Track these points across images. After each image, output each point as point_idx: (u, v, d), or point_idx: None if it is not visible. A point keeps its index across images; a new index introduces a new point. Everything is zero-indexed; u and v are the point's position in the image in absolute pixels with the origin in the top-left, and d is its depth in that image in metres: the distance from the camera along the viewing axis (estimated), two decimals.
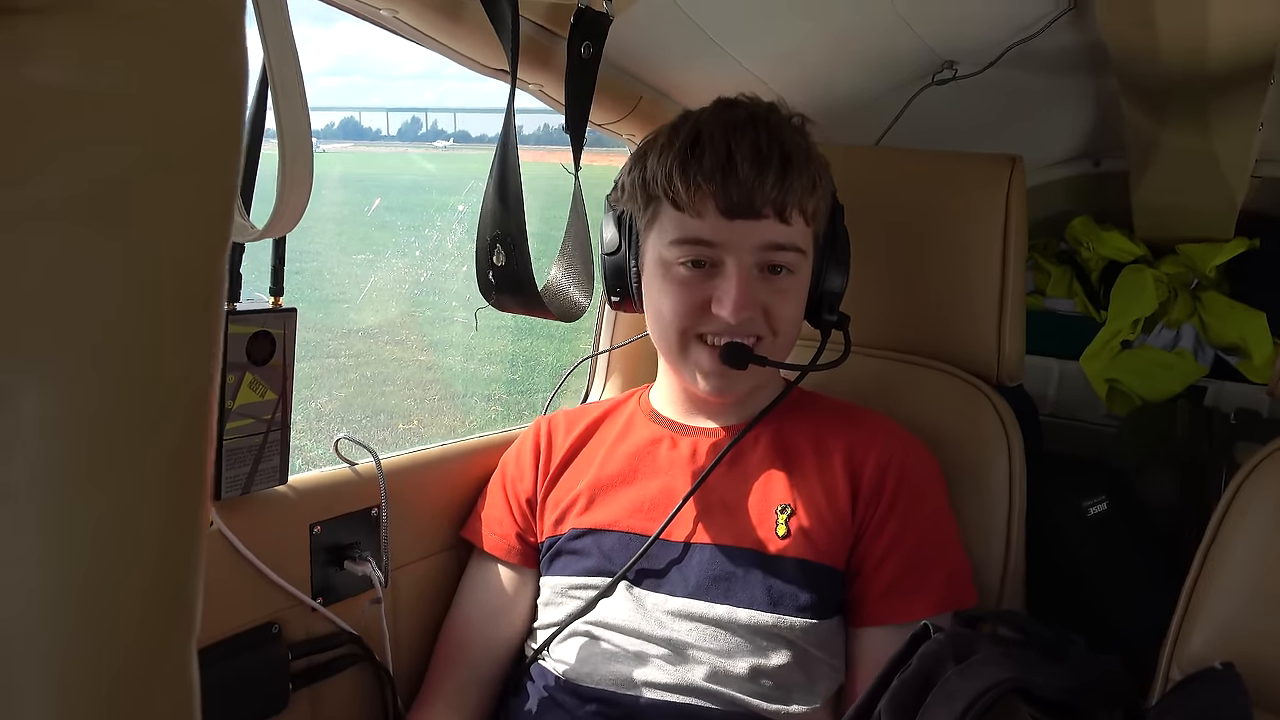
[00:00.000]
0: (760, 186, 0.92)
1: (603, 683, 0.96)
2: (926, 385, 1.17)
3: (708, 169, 0.92)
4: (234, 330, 0.84)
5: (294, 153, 0.69)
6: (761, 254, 0.95)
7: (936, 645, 0.79)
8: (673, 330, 0.98)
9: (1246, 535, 0.97)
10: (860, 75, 1.42)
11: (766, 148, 0.93)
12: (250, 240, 0.73)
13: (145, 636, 0.41)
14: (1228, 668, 0.85)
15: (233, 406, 0.86)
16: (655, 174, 0.96)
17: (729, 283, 0.94)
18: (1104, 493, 1.21)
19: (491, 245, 0.89)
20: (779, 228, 0.94)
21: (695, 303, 0.96)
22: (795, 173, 0.93)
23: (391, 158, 12.14)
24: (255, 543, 0.91)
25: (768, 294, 0.96)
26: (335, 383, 6.06)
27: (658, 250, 0.98)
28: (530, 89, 1.09)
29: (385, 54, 66.03)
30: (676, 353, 1.00)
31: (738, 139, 0.93)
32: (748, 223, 0.93)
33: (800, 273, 0.99)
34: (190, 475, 0.42)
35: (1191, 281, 1.89)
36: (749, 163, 0.92)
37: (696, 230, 0.94)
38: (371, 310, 6.78)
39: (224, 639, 0.89)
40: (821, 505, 0.97)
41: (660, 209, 0.97)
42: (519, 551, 1.09)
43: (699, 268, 0.96)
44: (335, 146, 15.67)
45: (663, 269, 0.98)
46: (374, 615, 1.03)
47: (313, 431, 5.10)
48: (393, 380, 6.25)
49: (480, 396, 5.99)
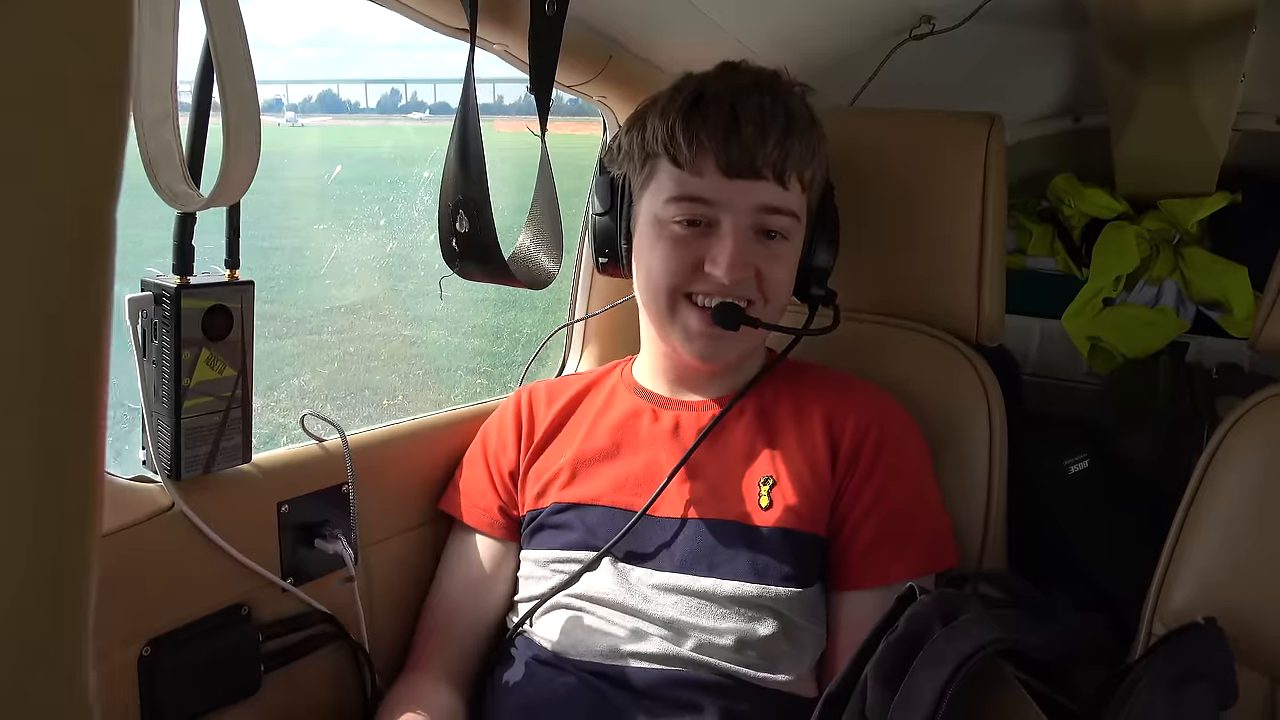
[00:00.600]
0: (761, 147, 0.92)
1: (587, 654, 0.95)
2: (905, 347, 1.15)
3: (711, 126, 0.92)
4: (188, 305, 0.81)
5: (239, 120, 0.66)
6: (758, 216, 0.94)
7: (923, 607, 0.78)
8: (663, 289, 0.97)
9: (1228, 490, 0.96)
10: (836, 31, 1.38)
11: (770, 110, 0.93)
12: (195, 209, 0.71)
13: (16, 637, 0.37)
14: (1210, 623, 0.85)
15: (190, 384, 0.83)
16: (656, 131, 0.96)
17: (724, 242, 0.93)
18: (1085, 450, 1.20)
19: (454, 211, 0.86)
20: (777, 190, 0.94)
21: (689, 261, 0.95)
22: (797, 137, 0.94)
23: (372, 130, 11.98)
24: (220, 523, 0.88)
25: (761, 257, 0.95)
26: (318, 359, 6.01)
27: (653, 209, 0.97)
28: (495, 49, 1.05)
29: (362, 24, 65.03)
30: (665, 313, 0.98)
31: (742, 100, 0.93)
32: (746, 183, 0.93)
33: (794, 239, 0.98)
34: (72, 458, 0.39)
35: (1173, 237, 1.88)
36: (753, 123, 0.92)
37: (695, 188, 0.94)
38: (354, 286, 6.72)
39: (191, 622, 0.87)
40: (804, 474, 0.97)
41: (658, 167, 0.96)
42: (501, 525, 1.08)
43: (694, 227, 0.95)
44: (314, 120, 15.43)
45: (657, 227, 0.97)
46: (347, 593, 1.01)
47: (296, 410, 5.06)
48: (377, 356, 6.21)
49: (465, 370, 5.96)
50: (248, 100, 0.66)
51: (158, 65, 0.67)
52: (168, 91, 0.68)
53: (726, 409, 1.00)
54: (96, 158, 0.38)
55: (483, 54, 1.07)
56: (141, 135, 0.67)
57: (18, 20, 0.34)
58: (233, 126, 0.65)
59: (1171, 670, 0.77)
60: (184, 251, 0.81)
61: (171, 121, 0.69)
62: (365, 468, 1.03)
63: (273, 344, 6.24)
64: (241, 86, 0.66)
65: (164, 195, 0.69)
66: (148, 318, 0.83)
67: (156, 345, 0.82)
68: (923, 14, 1.37)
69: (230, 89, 0.64)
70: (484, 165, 0.84)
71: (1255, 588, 0.91)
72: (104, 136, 0.38)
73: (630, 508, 0.99)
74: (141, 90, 0.67)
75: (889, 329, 1.18)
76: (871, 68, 1.48)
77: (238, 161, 0.67)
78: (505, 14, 0.97)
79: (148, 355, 0.83)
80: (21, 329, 0.36)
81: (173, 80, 0.68)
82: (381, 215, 5.75)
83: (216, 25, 0.63)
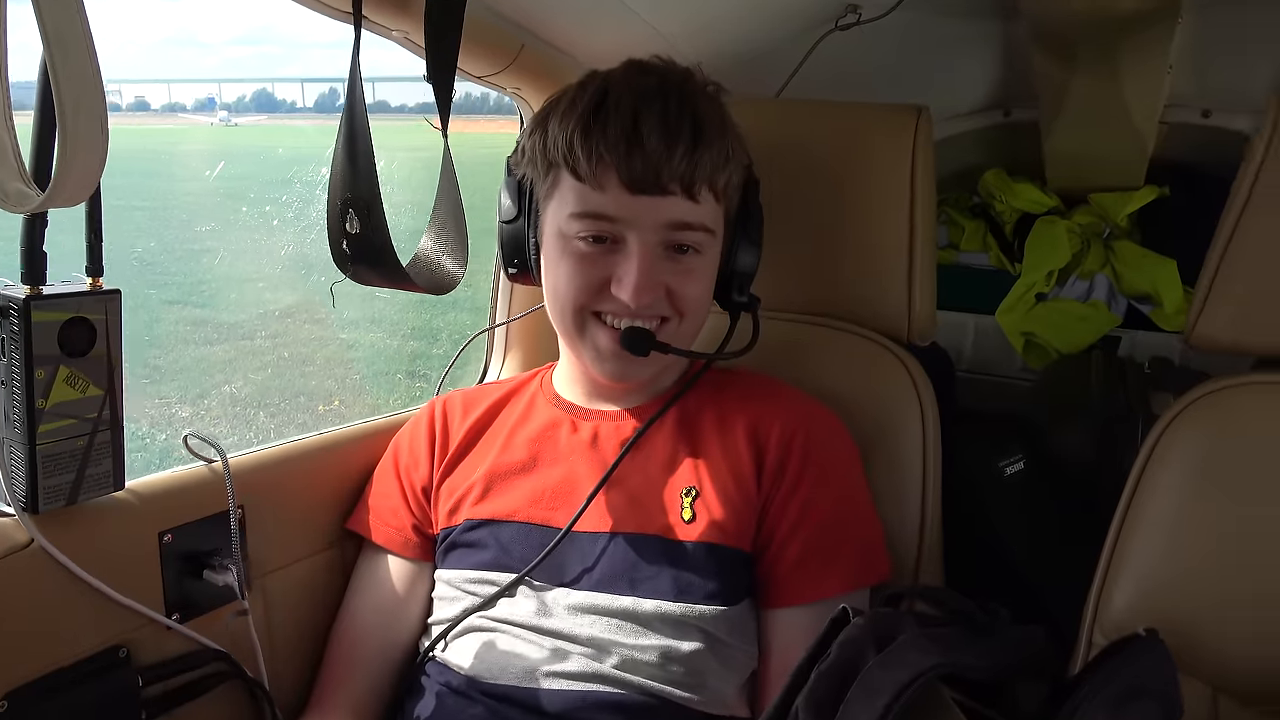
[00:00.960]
0: (668, 161, 0.85)
1: (503, 677, 0.89)
2: (834, 348, 1.11)
3: (611, 138, 0.85)
4: (40, 318, 0.73)
5: (76, 107, 0.58)
6: (667, 233, 0.88)
7: (856, 630, 0.73)
8: (569, 308, 0.91)
9: (1165, 491, 0.94)
10: (759, 20, 1.34)
11: (676, 118, 0.85)
12: (31, 210, 0.62)
13: None
14: (1151, 634, 0.82)
15: (45, 406, 0.74)
16: (556, 139, 0.88)
17: (630, 263, 0.87)
18: (1021, 451, 1.18)
19: (343, 211, 0.79)
20: (686, 205, 0.87)
21: (594, 280, 0.89)
22: (706, 146, 0.86)
23: (308, 131, 11.75)
24: (90, 559, 0.80)
25: (672, 274, 0.89)
26: (251, 365, 5.85)
27: (557, 222, 0.90)
28: (394, 36, 0.98)
29: (298, 22, 62.78)
30: (574, 332, 0.93)
31: (646, 107, 0.85)
32: (653, 199, 0.86)
33: (708, 253, 0.92)
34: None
35: (1104, 231, 1.89)
36: (656, 134, 0.84)
37: (597, 204, 0.87)
38: (288, 288, 6.55)
39: (59, 670, 0.79)
40: (728, 485, 0.92)
41: (560, 178, 0.89)
42: (414, 544, 1.02)
43: (600, 243, 0.88)
44: (248, 119, 15.14)
45: (561, 242, 0.90)
46: (242, 627, 0.93)
47: (229, 418, 4.91)
48: (312, 360, 6.07)
49: (404, 374, 5.86)
50: (87, 83, 0.58)
51: None
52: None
53: (644, 427, 0.95)
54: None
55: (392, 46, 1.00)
56: None
57: None
58: (69, 114, 0.57)
59: (1114, 688, 0.73)
60: (33, 257, 0.73)
61: (1, 112, 0.61)
62: (264, 488, 0.96)
63: (203, 350, 6.06)
64: (79, 67, 0.58)
65: None
66: None
67: (4, 364, 0.74)
68: (848, 3, 1.33)
69: (64, 70, 0.57)
70: (373, 161, 0.78)
71: (1196, 594, 0.89)
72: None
73: (546, 523, 0.94)
74: None
75: (816, 329, 1.13)
76: (796, 59, 1.44)
77: (78, 155, 0.59)
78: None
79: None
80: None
81: (1, 65, 0.60)
82: (319, 217, 5.62)
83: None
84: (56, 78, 0.57)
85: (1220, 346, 0.97)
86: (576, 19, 1.14)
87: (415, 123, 1.00)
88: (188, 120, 18.34)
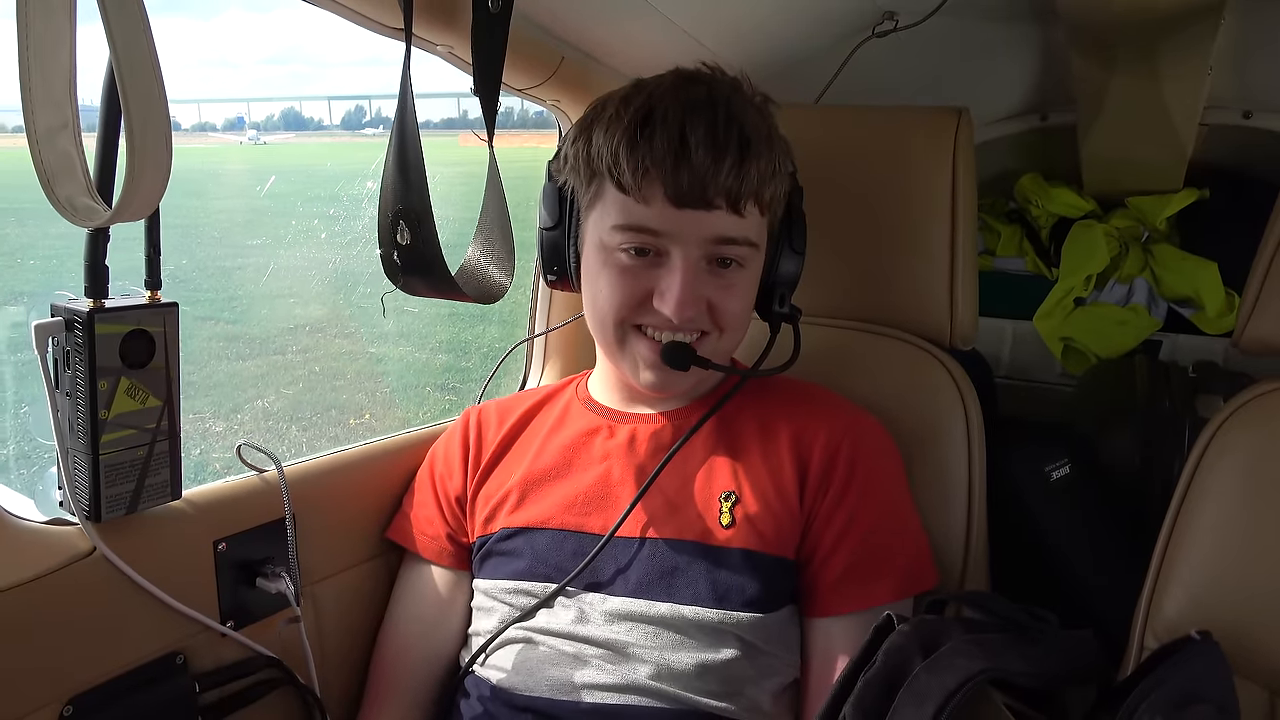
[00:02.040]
0: (714, 175, 0.83)
1: (539, 689, 0.89)
2: (877, 353, 1.11)
3: (658, 152, 0.83)
4: (103, 330, 0.74)
5: (144, 126, 0.60)
6: (710, 247, 0.87)
7: (902, 638, 0.73)
8: (610, 320, 0.91)
9: (1217, 495, 0.93)
10: (798, 28, 1.34)
11: (724, 132, 0.84)
12: (99, 225, 0.64)
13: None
14: (1205, 637, 0.81)
15: (107, 417, 0.76)
16: (600, 150, 0.87)
17: (673, 277, 0.86)
18: (1066, 456, 1.16)
19: (394, 223, 0.80)
20: (731, 220, 0.86)
21: (636, 293, 0.88)
22: (753, 159, 0.85)
23: (337, 147, 11.91)
24: (149, 567, 0.81)
25: (715, 289, 0.89)
26: (283, 379, 5.91)
27: (599, 233, 0.89)
28: (439, 51, 1.00)
29: (326, 40, 63.47)
30: (614, 343, 0.93)
31: (693, 120, 0.84)
32: (697, 213, 0.85)
33: (751, 266, 0.91)
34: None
35: (1142, 235, 1.86)
36: (703, 148, 0.83)
37: (641, 217, 0.86)
38: (318, 303, 6.62)
39: (119, 675, 0.80)
40: (768, 492, 0.91)
41: (604, 188, 0.88)
42: (451, 553, 1.02)
43: (642, 256, 0.88)
44: (276, 138, 15.34)
45: (603, 253, 0.90)
46: (293, 635, 0.94)
47: (261, 432, 4.96)
48: (343, 374, 6.12)
49: (433, 386, 5.89)
50: (155, 105, 0.60)
51: (52, 68, 0.60)
52: (65, 98, 0.62)
53: (683, 440, 0.94)
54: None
55: (436, 62, 1.02)
56: (34, 145, 0.60)
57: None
58: (137, 132, 0.59)
59: (1170, 693, 0.72)
60: (96, 271, 0.75)
61: (71, 130, 0.63)
62: (311, 499, 0.97)
63: (236, 365, 6.13)
64: (147, 90, 0.59)
65: (63, 210, 0.62)
66: (59, 345, 0.76)
67: (70, 375, 0.76)
68: (886, 10, 1.34)
69: (133, 91, 0.58)
70: (424, 174, 0.79)
71: (1250, 597, 0.87)
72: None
73: (582, 529, 0.94)
74: (34, 97, 0.61)
75: (858, 334, 1.13)
76: (834, 66, 1.44)
77: (145, 173, 0.60)
78: (446, 13, 0.92)
79: (60, 386, 0.76)
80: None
81: (71, 85, 0.62)
82: (347, 232, 5.69)
83: (114, 18, 0.57)
84: (126, 98, 0.58)
85: (1272, 349, 0.95)
86: (615, 30, 1.15)
87: (443, 138, 1.01)
88: (218, 139, 18.61)
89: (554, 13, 1.06)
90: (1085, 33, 1.35)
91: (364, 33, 0.91)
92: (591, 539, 0.92)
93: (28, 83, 0.60)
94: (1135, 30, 1.26)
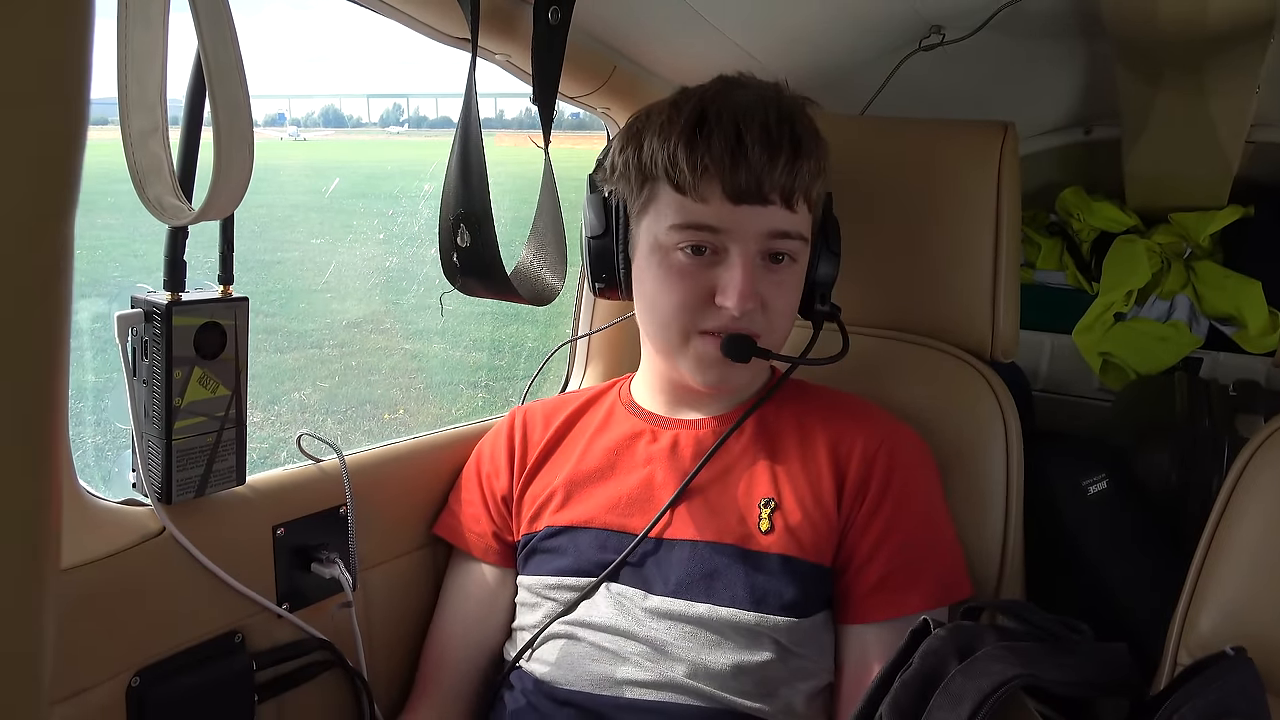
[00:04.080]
0: (770, 171, 0.87)
1: (579, 684, 0.92)
2: (918, 364, 1.12)
3: (716, 150, 0.87)
4: (179, 322, 0.78)
5: (231, 131, 0.63)
6: (766, 241, 0.90)
7: (938, 642, 0.75)
8: (673, 324, 0.92)
9: (1255, 514, 0.93)
10: (845, 41, 1.36)
11: (777, 131, 0.88)
12: (185, 223, 0.68)
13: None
14: (1239, 653, 0.82)
15: (181, 404, 0.80)
16: (655, 154, 0.90)
17: (734, 272, 0.89)
18: (1103, 471, 1.17)
19: (455, 226, 0.83)
20: (785, 214, 0.90)
21: (698, 294, 0.90)
22: (805, 157, 0.89)
23: (369, 145, 12.02)
24: (213, 548, 0.85)
25: (768, 285, 0.91)
26: (320, 373, 5.99)
27: (654, 234, 0.92)
28: (497, 60, 1.03)
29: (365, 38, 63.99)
30: (676, 345, 0.94)
31: (747, 121, 0.88)
32: (754, 209, 0.88)
33: (800, 261, 0.95)
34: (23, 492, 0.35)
35: (1185, 251, 1.85)
36: (759, 146, 0.87)
37: (700, 215, 0.89)
38: (355, 299, 6.71)
39: (182, 651, 0.84)
40: (806, 499, 0.93)
41: (658, 191, 0.91)
42: (496, 551, 1.05)
43: (699, 254, 0.90)
44: (316, 134, 15.47)
45: (660, 255, 0.92)
46: (344, 619, 0.97)
47: (298, 424, 5.05)
48: (378, 370, 6.19)
49: (466, 384, 5.93)
50: (240, 111, 0.64)
51: (147, 75, 0.64)
52: (156, 103, 0.65)
53: (728, 433, 0.97)
54: (44, 169, 0.34)
55: (482, 66, 1.05)
56: (129, 147, 0.64)
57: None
58: (224, 138, 0.62)
59: (1202, 707, 0.73)
60: (175, 266, 0.79)
61: (161, 134, 0.66)
62: (363, 489, 1.00)
63: (274, 358, 6.23)
64: (234, 97, 0.63)
65: (152, 209, 0.66)
66: (138, 335, 0.80)
67: (147, 364, 0.80)
68: (933, 24, 1.35)
69: (221, 99, 0.62)
70: (486, 178, 0.82)
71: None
72: (52, 145, 0.34)
73: (624, 529, 0.96)
74: (130, 102, 0.64)
75: (900, 345, 1.14)
76: (880, 78, 1.46)
77: (229, 175, 0.64)
78: (507, 24, 0.95)
79: (138, 374, 0.81)
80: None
81: (162, 91, 0.66)
82: (380, 229, 5.75)
83: (207, 32, 0.60)
84: (215, 104, 0.62)
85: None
86: (667, 40, 1.17)
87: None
88: (259, 135, 18.73)
89: (608, 24, 1.09)
90: (1132, 49, 1.35)
91: (401, 31, 0.94)
92: (633, 538, 0.95)
93: (125, 88, 0.63)
94: (1183, 48, 1.26)
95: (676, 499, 0.95)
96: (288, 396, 5.59)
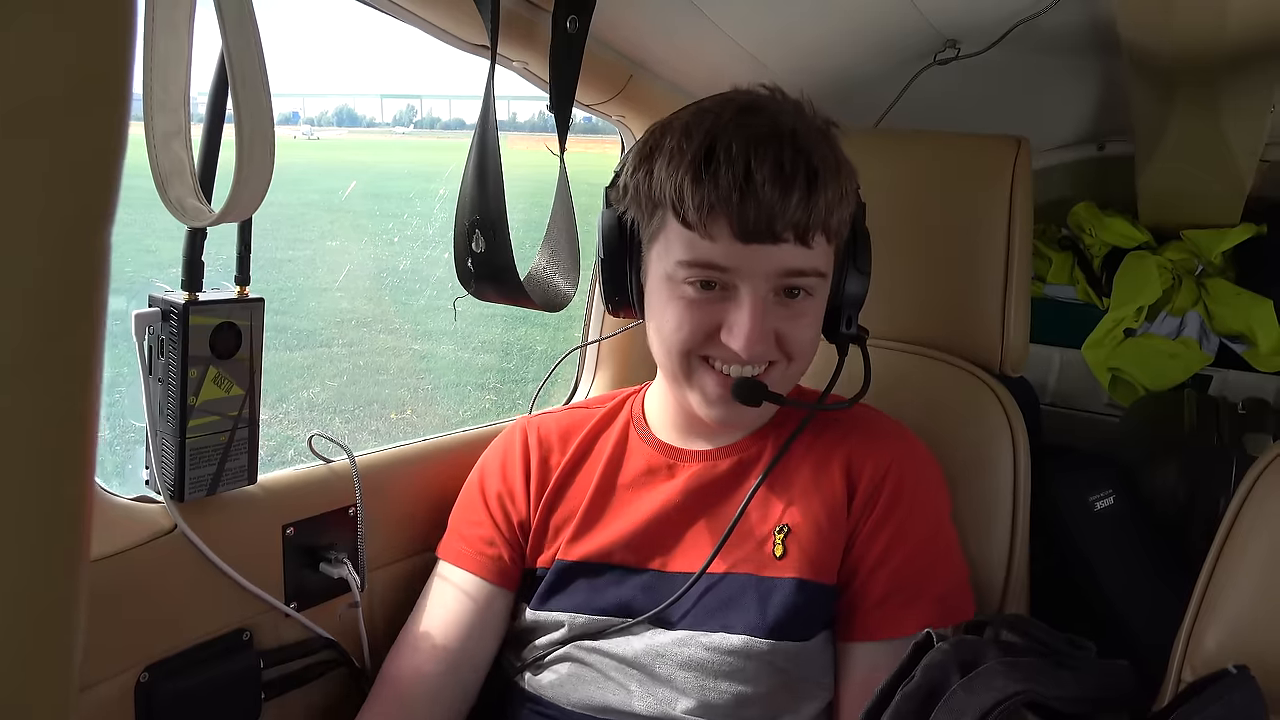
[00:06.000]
0: (782, 210, 0.81)
1: (580, 707, 0.92)
2: (927, 376, 1.13)
3: (723, 189, 0.81)
4: (196, 322, 0.79)
5: (253, 134, 0.64)
6: (779, 280, 0.85)
7: (940, 655, 0.75)
8: (676, 352, 0.88)
9: (1263, 532, 0.93)
10: (860, 54, 1.37)
11: (790, 165, 0.81)
12: (206, 225, 0.69)
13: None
14: (1242, 671, 0.82)
15: (195, 403, 0.81)
16: (662, 184, 0.84)
17: (741, 312, 0.84)
18: (1111, 486, 1.17)
19: (470, 231, 0.84)
20: (800, 251, 0.84)
21: (704, 326, 0.86)
22: (820, 190, 0.82)
23: (380, 146, 12.08)
24: (223, 546, 0.86)
25: (783, 319, 0.86)
26: (328, 372, 6.01)
27: (663, 266, 0.87)
28: (514, 67, 1.04)
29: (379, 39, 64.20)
30: (680, 374, 0.90)
31: (759, 155, 0.81)
32: (765, 247, 0.82)
33: (819, 294, 0.89)
34: (61, 493, 0.36)
35: (1196, 268, 1.85)
36: (770, 183, 0.80)
37: (707, 254, 0.83)
38: (365, 299, 6.72)
39: (191, 647, 0.85)
40: (820, 519, 0.91)
41: (666, 221, 0.86)
42: (507, 574, 1.00)
43: (709, 289, 0.85)
44: (330, 134, 15.55)
45: (669, 286, 0.87)
46: (351, 619, 0.98)
47: (305, 422, 5.06)
48: (386, 369, 6.21)
49: (474, 385, 5.94)
50: (262, 115, 0.64)
51: (172, 80, 0.65)
52: (180, 105, 0.66)
53: (765, 475, 0.93)
54: (87, 176, 0.35)
55: (498, 71, 1.06)
56: (153, 149, 0.65)
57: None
58: (246, 141, 0.63)
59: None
60: (193, 267, 0.80)
61: (184, 136, 0.67)
62: (373, 490, 1.01)
63: (283, 355, 6.24)
64: (256, 101, 0.64)
65: (174, 210, 0.67)
66: (154, 334, 0.81)
67: (163, 363, 0.81)
68: (948, 38, 1.36)
69: (245, 103, 0.63)
70: (502, 185, 0.83)
71: None
72: (96, 152, 0.35)
73: (639, 565, 0.94)
74: (154, 103, 0.65)
75: (909, 356, 1.15)
76: (894, 91, 1.46)
77: (250, 177, 0.65)
78: (526, 31, 0.96)
79: (154, 373, 0.82)
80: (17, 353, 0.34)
81: (186, 94, 0.67)
82: (395, 231, 5.75)
83: (232, 37, 0.61)
84: (239, 109, 0.63)
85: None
86: (683, 51, 1.18)
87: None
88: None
89: (624, 33, 1.10)
90: (1147, 66, 1.35)
91: (416, 34, 0.94)
92: (650, 575, 0.93)
93: (150, 92, 0.64)
94: (1198, 66, 1.26)
95: (721, 545, 0.91)
96: (296, 395, 5.61)
